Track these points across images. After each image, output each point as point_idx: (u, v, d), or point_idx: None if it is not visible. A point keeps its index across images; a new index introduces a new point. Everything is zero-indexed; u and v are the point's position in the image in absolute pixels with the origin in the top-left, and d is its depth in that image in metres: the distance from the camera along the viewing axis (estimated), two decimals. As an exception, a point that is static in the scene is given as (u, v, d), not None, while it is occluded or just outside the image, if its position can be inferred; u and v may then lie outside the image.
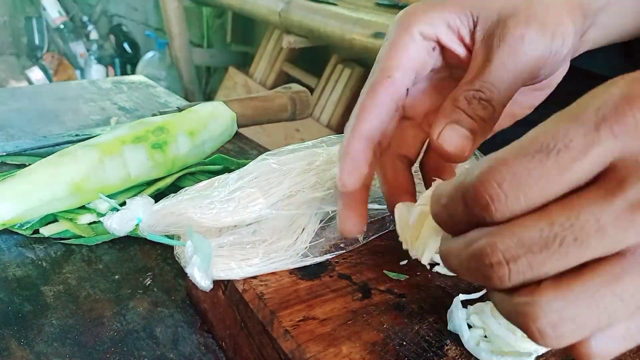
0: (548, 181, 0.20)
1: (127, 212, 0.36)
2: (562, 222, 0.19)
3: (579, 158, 0.19)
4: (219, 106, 0.63)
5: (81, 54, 3.76)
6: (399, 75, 0.32)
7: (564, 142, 0.19)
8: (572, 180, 0.20)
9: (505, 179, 0.20)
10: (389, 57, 0.32)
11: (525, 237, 0.20)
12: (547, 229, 0.19)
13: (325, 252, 0.38)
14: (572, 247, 0.19)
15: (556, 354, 0.31)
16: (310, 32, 1.84)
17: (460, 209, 0.22)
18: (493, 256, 0.20)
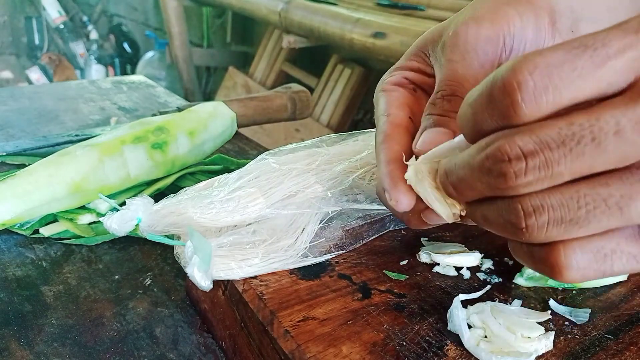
0: (580, 76, 0.19)
1: (127, 212, 0.36)
2: (582, 122, 0.19)
3: (614, 56, 0.19)
4: (219, 106, 0.63)
5: (81, 54, 3.76)
6: (394, 110, 0.35)
7: (602, 42, 0.19)
8: (602, 79, 0.20)
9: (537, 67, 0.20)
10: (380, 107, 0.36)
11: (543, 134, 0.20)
12: (565, 128, 0.20)
13: (325, 252, 0.38)
14: (589, 147, 0.19)
15: (556, 354, 0.31)
16: (310, 32, 1.84)
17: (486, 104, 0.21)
18: (512, 151, 0.20)
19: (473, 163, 0.22)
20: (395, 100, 0.36)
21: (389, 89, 0.37)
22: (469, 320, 0.32)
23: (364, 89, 2.14)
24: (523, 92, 0.20)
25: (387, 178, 0.32)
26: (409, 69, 0.38)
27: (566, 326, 0.33)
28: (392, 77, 0.37)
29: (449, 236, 0.42)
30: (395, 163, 0.32)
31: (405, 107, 0.36)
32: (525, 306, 0.35)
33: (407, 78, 0.37)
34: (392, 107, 0.35)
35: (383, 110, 0.35)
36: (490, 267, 0.39)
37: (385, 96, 0.36)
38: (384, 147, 0.33)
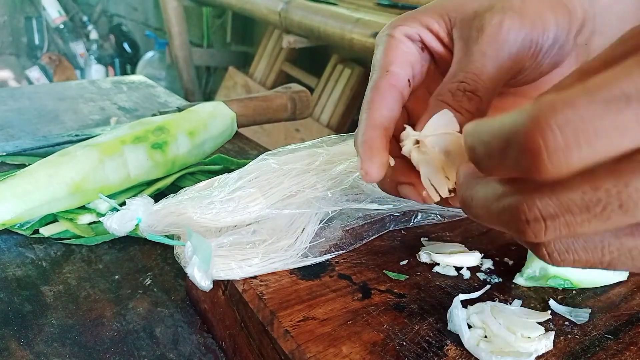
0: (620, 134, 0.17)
1: (127, 212, 0.36)
2: (609, 188, 0.18)
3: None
4: (219, 106, 0.63)
5: (81, 54, 3.76)
6: (396, 68, 0.33)
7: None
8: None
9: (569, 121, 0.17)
10: (383, 58, 0.33)
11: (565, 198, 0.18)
12: (590, 193, 0.18)
13: (325, 252, 0.38)
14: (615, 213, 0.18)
15: (556, 354, 0.31)
16: (310, 32, 1.84)
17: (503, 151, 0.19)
18: (530, 213, 0.19)
19: (491, 210, 0.21)
20: (401, 55, 0.33)
21: (399, 38, 0.34)
22: (469, 320, 0.32)
23: (364, 89, 2.13)
24: (550, 150, 0.17)
25: (364, 145, 0.30)
26: (427, 27, 0.34)
27: (566, 326, 0.33)
28: (406, 27, 0.34)
29: (449, 236, 0.42)
30: (377, 130, 0.31)
31: (409, 67, 0.33)
32: (525, 306, 0.35)
33: (421, 36, 0.34)
34: (396, 64, 0.33)
35: (385, 62, 0.33)
36: (490, 267, 0.39)
37: (393, 46, 0.33)
38: (373, 107, 0.31)
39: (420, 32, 0.34)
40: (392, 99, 0.32)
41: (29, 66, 3.72)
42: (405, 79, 0.33)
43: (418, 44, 0.34)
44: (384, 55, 0.33)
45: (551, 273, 0.36)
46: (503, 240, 0.42)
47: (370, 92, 0.32)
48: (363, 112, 0.32)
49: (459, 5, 0.33)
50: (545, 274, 0.36)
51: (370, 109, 0.31)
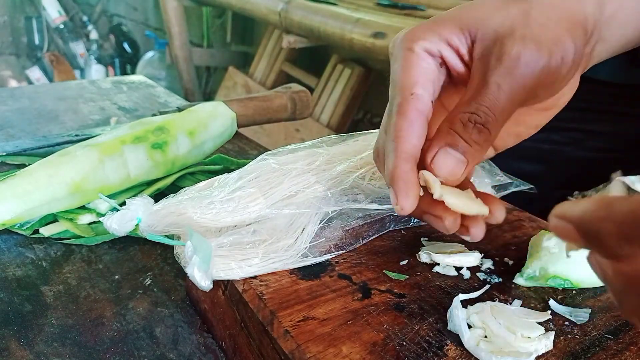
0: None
1: (127, 212, 0.36)
2: None
3: None
4: (219, 106, 0.63)
5: (81, 54, 3.76)
6: (420, 90, 0.31)
7: None
8: None
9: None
10: (404, 76, 0.32)
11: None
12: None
13: (325, 252, 0.38)
14: None
15: (556, 354, 0.31)
16: (310, 32, 1.84)
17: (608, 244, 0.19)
18: None
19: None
20: (423, 74, 0.32)
21: (419, 53, 0.32)
22: (469, 320, 0.32)
23: (364, 89, 2.14)
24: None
25: (399, 181, 0.30)
26: (447, 42, 0.33)
27: (566, 326, 0.33)
28: (426, 42, 0.32)
29: (449, 236, 0.42)
30: (409, 162, 0.30)
31: (431, 86, 0.32)
32: (525, 306, 0.35)
33: (441, 52, 0.33)
34: (419, 84, 0.32)
35: (408, 82, 0.32)
36: (490, 267, 0.39)
37: (413, 63, 0.32)
38: (403, 137, 0.30)
39: (440, 48, 0.33)
40: (419, 126, 0.31)
41: (29, 66, 3.72)
42: (429, 101, 0.32)
43: (437, 60, 0.33)
44: (405, 73, 0.32)
45: (551, 273, 0.36)
46: (503, 240, 0.42)
47: (397, 118, 0.31)
48: (391, 141, 0.31)
49: (479, 19, 0.32)
50: (545, 274, 0.36)
51: (399, 137, 0.31)
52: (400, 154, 0.30)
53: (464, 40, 0.33)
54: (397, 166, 0.30)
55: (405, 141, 0.31)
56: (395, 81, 0.33)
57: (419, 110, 0.31)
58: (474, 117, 0.30)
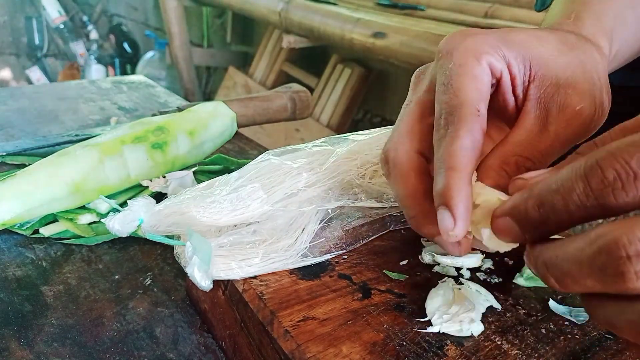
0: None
1: (129, 212, 0.36)
2: None
3: None
4: (219, 106, 0.63)
5: (81, 53, 3.76)
6: (484, 109, 0.30)
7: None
8: None
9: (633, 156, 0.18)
10: (471, 87, 0.30)
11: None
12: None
13: (325, 252, 0.38)
14: None
15: (556, 354, 0.31)
16: (310, 32, 1.84)
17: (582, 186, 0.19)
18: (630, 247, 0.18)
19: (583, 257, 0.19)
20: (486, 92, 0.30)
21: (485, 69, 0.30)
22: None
23: (364, 89, 2.14)
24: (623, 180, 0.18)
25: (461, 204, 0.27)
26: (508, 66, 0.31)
27: (566, 326, 0.33)
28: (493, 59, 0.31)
29: (449, 236, 0.42)
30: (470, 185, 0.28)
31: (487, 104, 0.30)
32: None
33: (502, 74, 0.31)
34: (483, 102, 0.29)
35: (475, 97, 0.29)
36: (490, 267, 0.39)
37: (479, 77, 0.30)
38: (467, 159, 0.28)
39: (502, 70, 0.31)
40: (479, 146, 0.29)
41: (29, 66, 3.72)
42: (486, 121, 0.30)
43: (493, 79, 0.31)
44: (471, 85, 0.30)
45: (551, 273, 0.36)
46: (503, 240, 0.42)
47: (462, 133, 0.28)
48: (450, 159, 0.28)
49: (541, 59, 0.32)
50: (545, 274, 0.36)
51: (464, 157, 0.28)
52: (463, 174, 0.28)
53: (523, 73, 0.32)
54: (460, 188, 0.27)
55: (468, 161, 0.28)
56: (456, 90, 0.30)
57: (482, 130, 0.29)
58: (528, 162, 0.29)
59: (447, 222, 0.27)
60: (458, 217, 0.27)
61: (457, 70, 0.30)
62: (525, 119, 0.31)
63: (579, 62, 0.32)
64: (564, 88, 0.31)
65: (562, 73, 0.31)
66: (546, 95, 0.31)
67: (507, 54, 0.31)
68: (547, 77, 0.31)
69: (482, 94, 0.30)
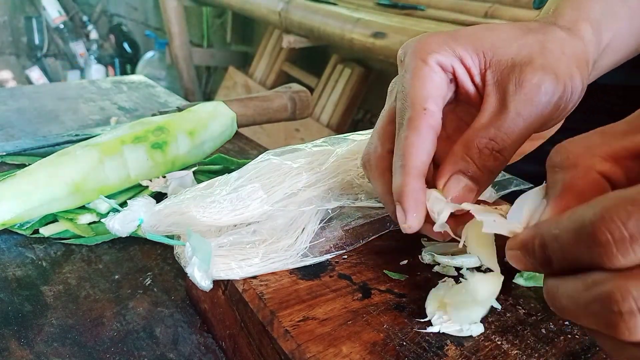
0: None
1: (129, 212, 0.36)
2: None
3: None
4: (219, 106, 0.63)
5: (81, 53, 3.76)
6: (433, 106, 0.31)
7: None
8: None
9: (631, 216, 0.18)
10: (418, 88, 0.31)
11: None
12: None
13: (325, 252, 0.38)
14: None
15: (556, 354, 0.31)
16: (310, 32, 1.84)
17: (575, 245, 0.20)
18: (624, 303, 0.18)
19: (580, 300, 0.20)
20: (436, 89, 0.32)
21: (433, 66, 0.32)
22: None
23: (364, 89, 2.14)
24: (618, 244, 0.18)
25: (410, 200, 0.30)
26: (460, 59, 0.32)
27: (566, 326, 0.33)
28: (440, 56, 0.32)
29: (449, 236, 0.42)
30: (420, 180, 0.30)
31: (442, 102, 0.32)
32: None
33: (454, 68, 0.32)
34: (432, 99, 0.31)
35: (421, 96, 0.31)
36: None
37: (427, 76, 0.32)
38: (414, 153, 0.30)
39: (453, 64, 0.32)
40: (430, 143, 0.31)
41: (29, 66, 3.72)
42: (440, 117, 0.31)
43: (449, 75, 0.33)
44: (418, 86, 0.32)
45: (551, 273, 0.36)
46: (503, 241, 0.42)
47: (409, 132, 0.30)
48: (401, 157, 0.30)
49: (494, 47, 0.32)
50: (545, 274, 0.36)
51: (411, 154, 0.30)
52: (411, 170, 0.30)
53: (477, 62, 0.32)
54: (407, 184, 0.30)
55: (415, 157, 0.30)
56: (406, 93, 0.32)
57: (431, 126, 0.31)
58: (491, 143, 0.30)
59: (400, 215, 0.30)
60: (407, 210, 0.30)
61: (407, 75, 0.32)
62: (485, 102, 0.32)
63: (537, 41, 0.32)
64: (519, 66, 0.31)
65: (517, 55, 0.32)
66: (502, 77, 0.31)
67: (457, 49, 0.32)
68: (502, 62, 0.32)
69: (430, 92, 0.31)
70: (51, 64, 3.80)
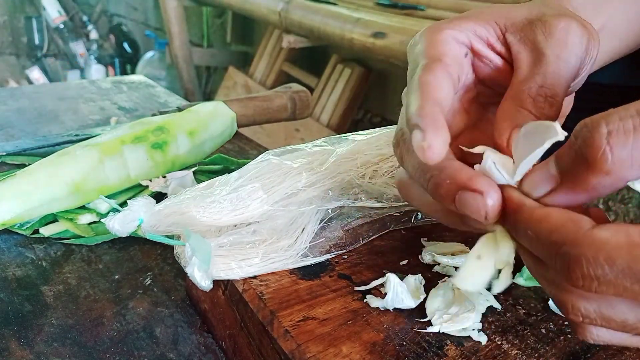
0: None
1: (129, 212, 0.36)
2: None
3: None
4: (219, 106, 0.63)
5: (81, 53, 3.76)
6: (449, 60, 0.29)
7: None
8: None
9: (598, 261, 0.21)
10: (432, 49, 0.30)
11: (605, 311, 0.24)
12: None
13: (325, 252, 0.38)
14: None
15: (556, 354, 0.31)
16: (310, 32, 1.84)
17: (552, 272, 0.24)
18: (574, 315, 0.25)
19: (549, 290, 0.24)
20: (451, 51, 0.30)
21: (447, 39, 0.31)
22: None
23: (364, 89, 2.14)
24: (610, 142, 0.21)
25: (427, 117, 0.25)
26: (474, 32, 0.31)
27: (566, 326, 0.33)
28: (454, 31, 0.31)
29: (449, 236, 0.42)
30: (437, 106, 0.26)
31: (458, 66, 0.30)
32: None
33: (471, 40, 0.31)
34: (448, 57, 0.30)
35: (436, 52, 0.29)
36: (490, 267, 0.38)
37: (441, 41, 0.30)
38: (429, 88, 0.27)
39: (469, 37, 0.31)
40: (447, 85, 0.28)
41: (29, 66, 3.72)
42: (457, 74, 0.30)
43: (464, 49, 0.31)
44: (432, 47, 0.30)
45: (551, 273, 0.36)
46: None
47: (423, 72, 0.28)
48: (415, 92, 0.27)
49: (504, 13, 0.32)
50: (545, 274, 0.36)
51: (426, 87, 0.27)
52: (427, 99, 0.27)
53: (492, 31, 0.31)
54: (422, 106, 0.26)
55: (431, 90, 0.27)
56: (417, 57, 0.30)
57: (447, 72, 0.29)
58: (542, 90, 0.28)
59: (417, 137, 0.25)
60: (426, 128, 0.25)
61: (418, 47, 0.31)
62: (518, 60, 0.31)
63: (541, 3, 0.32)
64: (538, 20, 0.31)
65: (529, 14, 0.31)
66: (526, 33, 0.31)
67: (467, 25, 0.31)
68: (517, 23, 0.31)
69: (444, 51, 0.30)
70: (51, 64, 3.80)
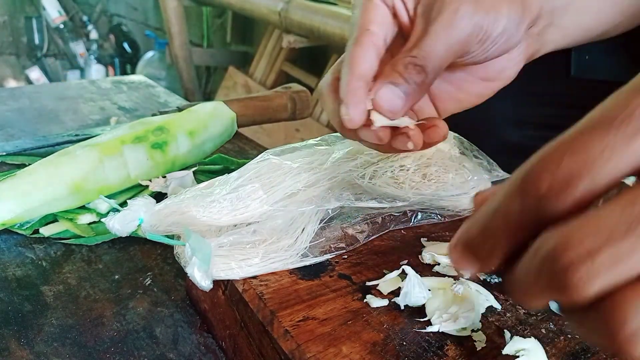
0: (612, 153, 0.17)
1: (129, 212, 0.36)
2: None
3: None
4: (219, 106, 0.63)
5: (81, 53, 3.76)
6: (375, 28, 0.36)
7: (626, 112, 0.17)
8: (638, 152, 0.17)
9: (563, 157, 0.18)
10: (363, 17, 0.37)
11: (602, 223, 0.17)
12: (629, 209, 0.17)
13: (325, 252, 0.38)
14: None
15: (556, 354, 0.31)
16: (310, 31, 1.84)
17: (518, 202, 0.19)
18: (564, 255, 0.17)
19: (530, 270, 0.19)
20: (379, 17, 0.37)
21: (378, 3, 0.37)
22: None
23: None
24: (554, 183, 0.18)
25: (350, 94, 0.34)
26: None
27: (566, 326, 0.33)
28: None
29: (449, 236, 0.42)
30: (361, 81, 0.34)
31: (384, 28, 0.37)
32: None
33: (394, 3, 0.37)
34: (375, 23, 0.36)
35: (365, 21, 0.37)
36: (490, 267, 0.38)
37: (371, 7, 0.37)
38: (357, 61, 0.35)
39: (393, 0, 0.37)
40: (372, 55, 0.35)
41: (29, 66, 3.72)
42: (382, 39, 0.36)
43: (391, 10, 0.37)
44: (363, 14, 0.37)
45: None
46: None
47: (353, 46, 0.36)
48: (346, 65, 0.35)
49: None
50: (545, 273, 0.36)
51: (354, 62, 0.35)
52: (354, 73, 0.34)
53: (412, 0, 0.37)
54: (349, 82, 0.34)
55: (358, 64, 0.35)
56: (353, 22, 0.38)
57: (373, 42, 0.36)
58: (414, 59, 0.34)
59: (343, 110, 0.34)
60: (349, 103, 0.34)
61: (355, 11, 0.38)
62: (413, 30, 0.36)
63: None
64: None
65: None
66: (428, 7, 0.36)
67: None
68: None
69: (373, 19, 0.36)
70: (51, 64, 3.80)
